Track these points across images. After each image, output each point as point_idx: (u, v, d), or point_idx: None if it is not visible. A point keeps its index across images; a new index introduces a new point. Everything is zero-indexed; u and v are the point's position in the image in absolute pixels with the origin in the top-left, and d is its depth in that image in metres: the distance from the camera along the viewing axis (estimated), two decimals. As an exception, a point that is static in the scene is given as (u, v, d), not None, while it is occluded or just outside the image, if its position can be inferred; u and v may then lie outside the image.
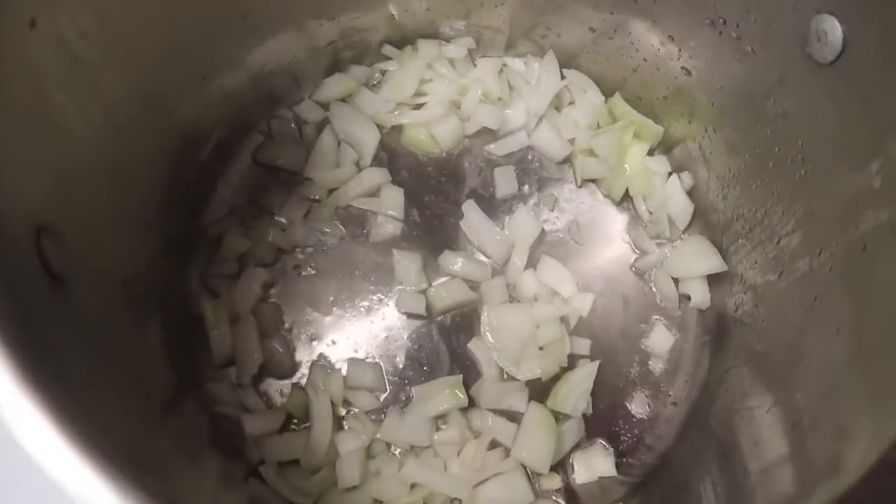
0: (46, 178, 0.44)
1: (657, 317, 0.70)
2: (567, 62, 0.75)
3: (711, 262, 0.68)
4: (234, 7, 0.59)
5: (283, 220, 0.70)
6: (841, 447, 0.40)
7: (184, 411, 0.55)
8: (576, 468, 0.65)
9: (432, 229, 0.72)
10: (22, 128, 0.41)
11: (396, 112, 0.74)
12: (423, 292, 0.69)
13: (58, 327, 0.39)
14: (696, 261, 0.69)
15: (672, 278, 0.70)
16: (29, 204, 0.41)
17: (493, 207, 0.73)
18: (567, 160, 0.74)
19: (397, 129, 0.74)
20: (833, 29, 0.48)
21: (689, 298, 0.70)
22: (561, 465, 0.65)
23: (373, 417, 0.65)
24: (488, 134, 0.75)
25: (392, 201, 0.71)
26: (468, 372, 0.67)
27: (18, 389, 0.31)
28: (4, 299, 0.34)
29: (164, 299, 0.60)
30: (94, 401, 0.36)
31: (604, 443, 0.66)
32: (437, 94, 0.74)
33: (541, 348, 0.67)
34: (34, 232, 0.40)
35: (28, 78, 0.42)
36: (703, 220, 0.71)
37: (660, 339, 0.69)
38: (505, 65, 0.76)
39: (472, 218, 0.71)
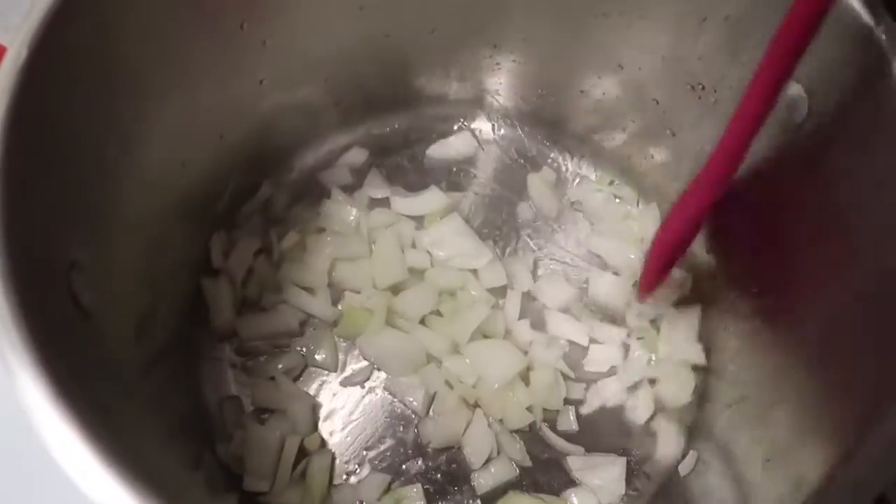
0: (79, 225, 0.48)
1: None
2: (562, 121, 0.80)
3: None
4: (253, 73, 0.65)
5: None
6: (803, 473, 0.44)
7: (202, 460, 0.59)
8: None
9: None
10: (63, 180, 0.46)
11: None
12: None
13: (86, 357, 0.43)
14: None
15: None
16: (63, 244, 0.45)
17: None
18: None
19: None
20: (799, 95, 0.53)
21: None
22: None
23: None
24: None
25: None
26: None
27: (53, 409, 0.35)
28: (41, 327, 0.37)
29: (178, 347, 0.64)
30: (122, 427, 0.40)
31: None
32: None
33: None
34: (66, 267, 0.44)
35: (72, 140, 0.47)
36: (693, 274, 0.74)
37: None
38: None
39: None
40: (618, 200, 0.78)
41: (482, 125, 0.82)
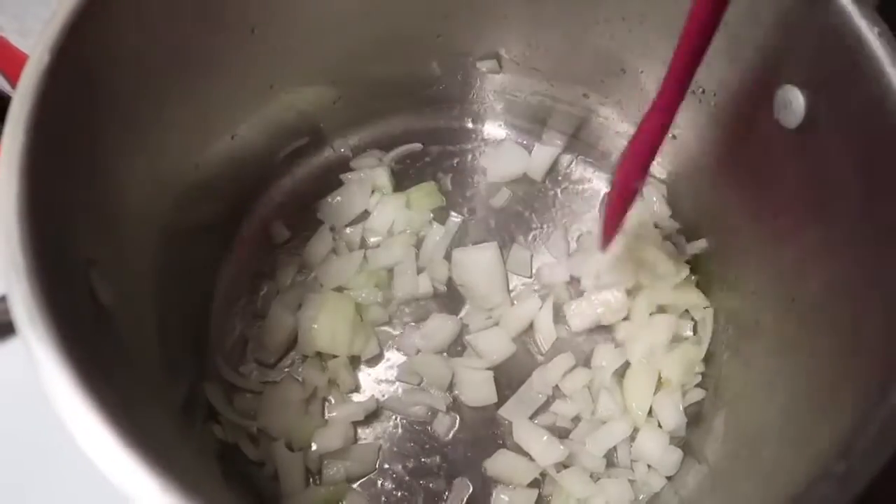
0: (97, 224, 0.50)
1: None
2: (564, 128, 0.81)
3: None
4: (263, 76, 0.67)
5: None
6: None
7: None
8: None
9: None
10: (82, 181, 0.48)
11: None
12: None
13: (105, 349, 0.44)
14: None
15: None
16: (81, 243, 0.47)
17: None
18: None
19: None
20: (796, 98, 0.54)
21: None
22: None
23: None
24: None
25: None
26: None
27: (78, 396, 0.36)
28: (65, 320, 0.39)
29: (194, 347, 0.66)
30: (142, 417, 0.41)
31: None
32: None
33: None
34: (85, 265, 0.46)
35: (91, 141, 0.49)
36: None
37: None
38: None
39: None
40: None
41: (485, 129, 0.83)
